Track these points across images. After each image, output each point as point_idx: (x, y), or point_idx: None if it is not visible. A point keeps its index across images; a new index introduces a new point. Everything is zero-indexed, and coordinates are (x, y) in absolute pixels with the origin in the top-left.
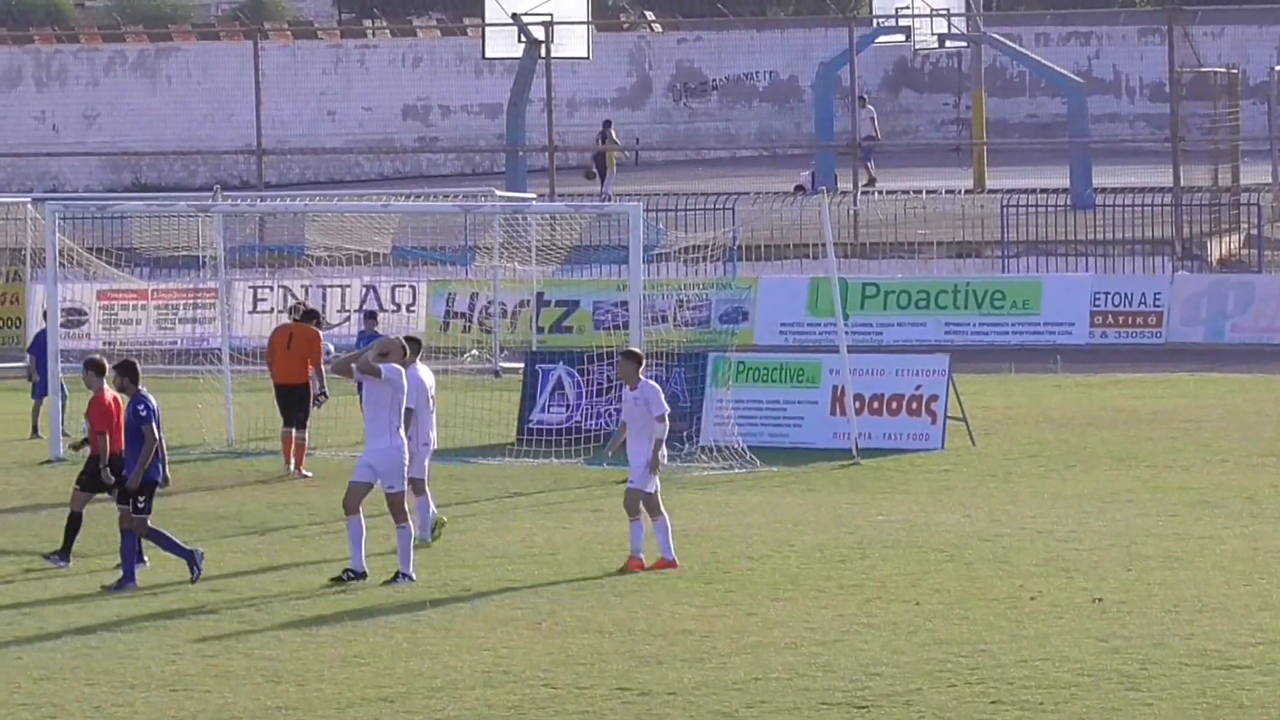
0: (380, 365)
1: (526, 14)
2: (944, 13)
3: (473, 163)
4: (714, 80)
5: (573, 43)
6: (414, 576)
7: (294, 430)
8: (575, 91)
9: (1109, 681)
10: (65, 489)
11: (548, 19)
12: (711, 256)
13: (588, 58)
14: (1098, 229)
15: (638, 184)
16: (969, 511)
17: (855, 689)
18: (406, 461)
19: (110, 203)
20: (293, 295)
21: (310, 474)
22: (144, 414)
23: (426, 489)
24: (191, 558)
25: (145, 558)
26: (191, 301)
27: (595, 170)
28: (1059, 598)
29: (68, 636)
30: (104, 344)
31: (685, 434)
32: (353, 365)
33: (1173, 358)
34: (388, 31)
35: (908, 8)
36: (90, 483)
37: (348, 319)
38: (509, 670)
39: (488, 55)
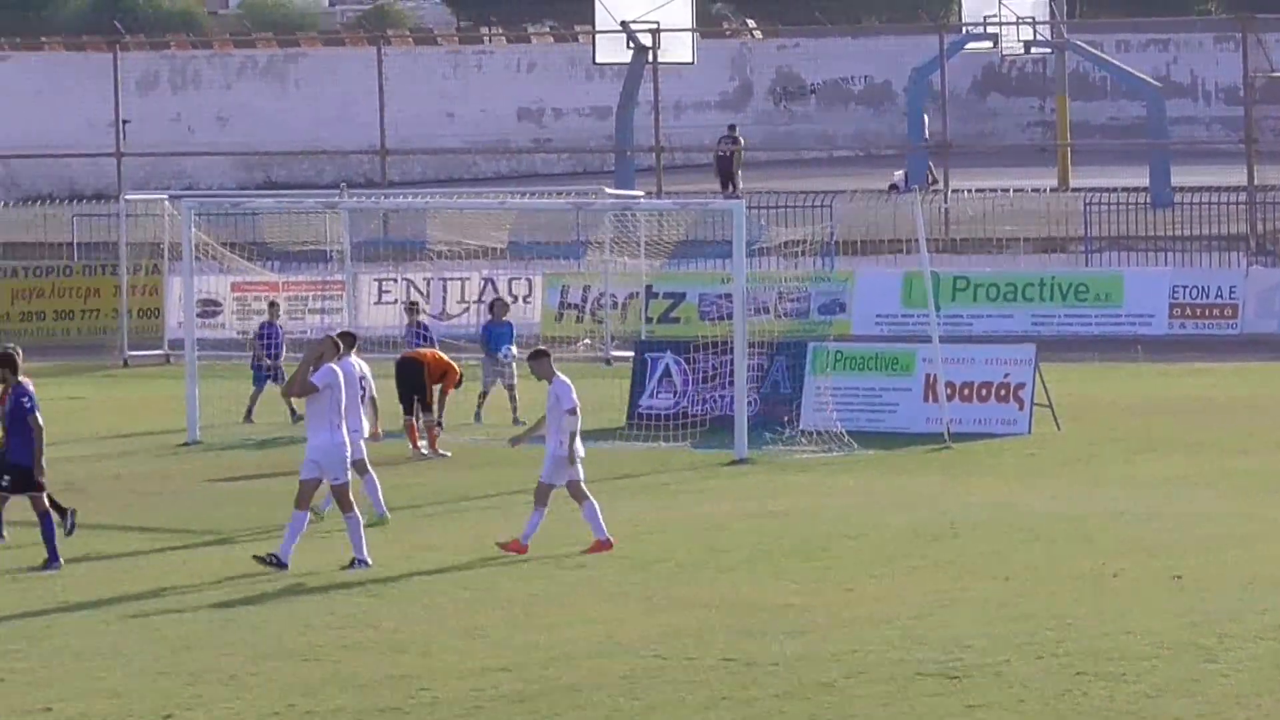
0: (313, 379)
1: (635, 22)
2: (1029, 21)
3: (584, 162)
4: (812, 84)
5: (678, 49)
6: (369, 561)
7: (418, 414)
8: (680, 95)
9: (1188, 654)
10: (202, 470)
11: (655, 26)
12: (810, 251)
13: (692, 63)
14: (1176, 226)
15: (740, 182)
16: (1054, 493)
17: (948, 660)
18: (349, 455)
19: (243, 200)
20: (415, 288)
21: (449, 454)
22: (28, 405)
23: (369, 467)
24: (51, 563)
25: (4, 533)
26: (320, 293)
27: (720, 177)
28: (1139, 575)
29: (204, 610)
30: (238, 333)
31: (786, 419)
32: (293, 387)
33: (1247, 348)
34: (503, 38)
35: (995, 16)
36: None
37: (467, 310)
38: (621, 642)
39: (598, 61)
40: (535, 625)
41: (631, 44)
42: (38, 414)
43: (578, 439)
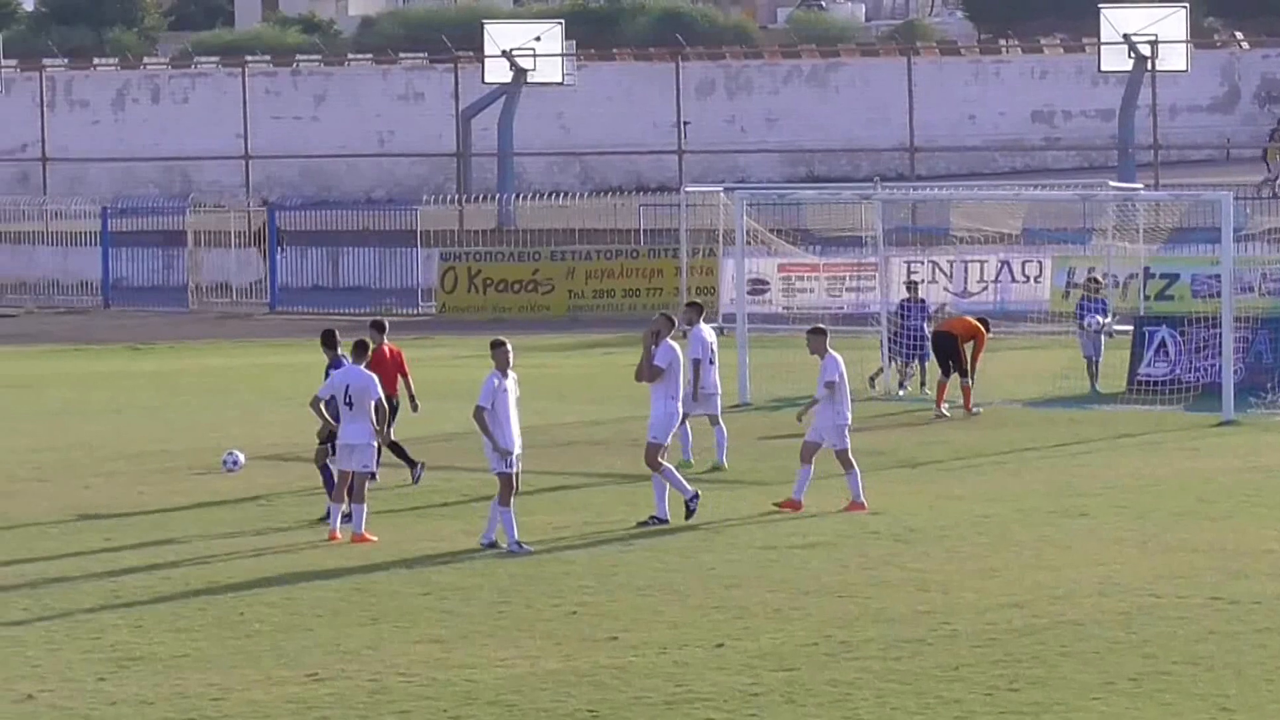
0: (656, 361)
1: (1135, 34)
2: None
3: (1089, 159)
4: None
5: (1174, 58)
6: (668, 518)
7: (952, 378)
8: (1175, 99)
9: None
10: (751, 429)
11: (1153, 38)
12: None
13: (1186, 71)
14: None
15: (1226, 175)
16: None
17: None
18: (677, 423)
19: (788, 191)
20: (939, 269)
21: (980, 411)
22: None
23: (720, 421)
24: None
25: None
26: (855, 274)
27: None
28: None
29: (751, 550)
30: (783, 309)
31: (1269, 385)
32: (641, 373)
33: None
34: (1019, 49)
35: None
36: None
37: (985, 289)
38: (1119, 582)
39: (1102, 69)
40: (1043, 566)
41: (1132, 54)
42: (323, 393)
43: (838, 410)
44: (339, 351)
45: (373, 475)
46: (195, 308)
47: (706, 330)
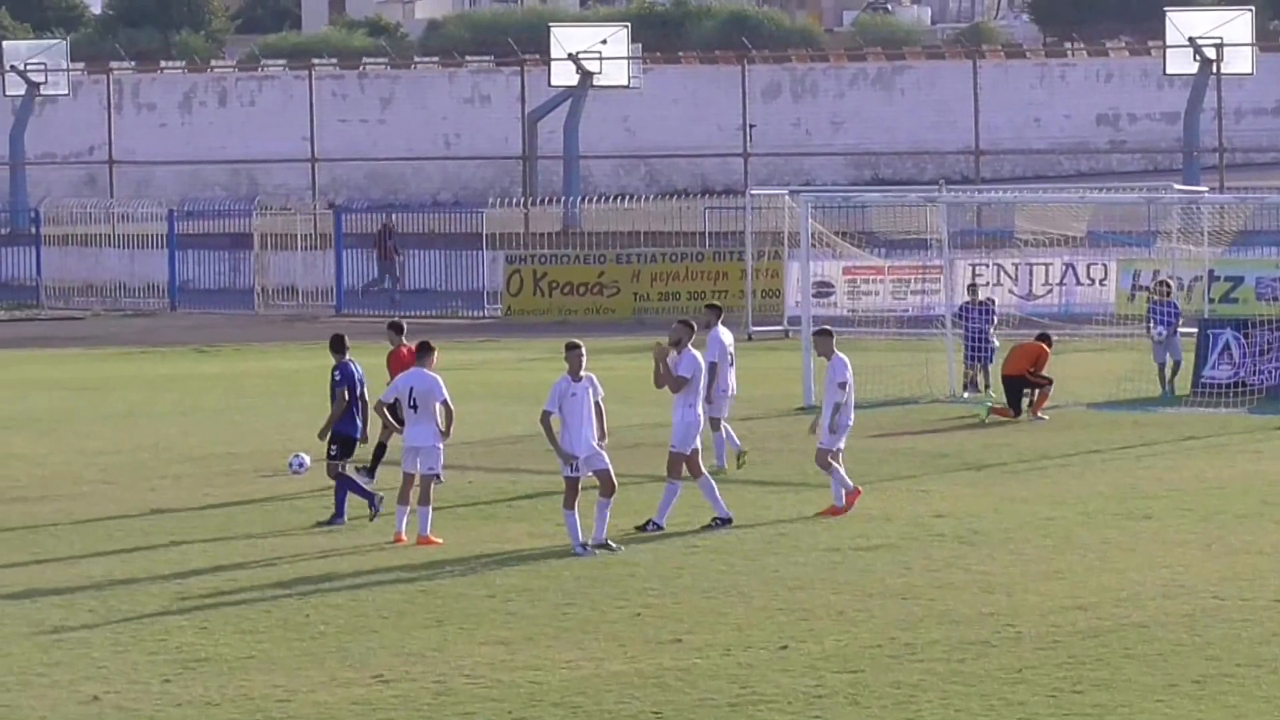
0: (679, 372)
1: (1200, 37)
2: None
3: (1154, 161)
4: None
5: (1239, 61)
6: (732, 517)
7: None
8: (1240, 102)
9: None
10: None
11: (1219, 41)
12: None
13: (1252, 74)
14: None
15: None
16: None
17: None
18: (700, 430)
19: (853, 194)
20: (1004, 272)
21: (1046, 418)
22: (337, 379)
23: (724, 426)
24: (371, 499)
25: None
26: (920, 277)
27: None
28: None
29: (816, 552)
30: (848, 311)
31: None
32: (661, 382)
33: None
34: (1084, 52)
35: None
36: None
37: (1050, 291)
38: (1184, 585)
39: (1168, 72)
40: (1108, 569)
41: (1198, 57)
42: (346, 389)
43: (845, 412)
44: (346, 356)
45: (438, 477)
46: (262, 310)
47: (724, 332)
